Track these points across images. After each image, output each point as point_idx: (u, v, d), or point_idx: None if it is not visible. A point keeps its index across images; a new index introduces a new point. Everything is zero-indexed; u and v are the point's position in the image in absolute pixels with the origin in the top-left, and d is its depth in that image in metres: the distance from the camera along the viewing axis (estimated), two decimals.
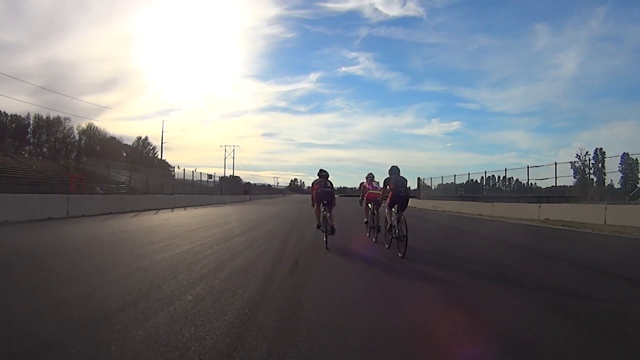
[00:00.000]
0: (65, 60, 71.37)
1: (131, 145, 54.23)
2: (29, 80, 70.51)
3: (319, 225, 6.31)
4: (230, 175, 57.33)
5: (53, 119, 43.85)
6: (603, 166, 22.30)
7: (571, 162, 21.13)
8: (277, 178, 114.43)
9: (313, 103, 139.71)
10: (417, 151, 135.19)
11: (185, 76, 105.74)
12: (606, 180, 20.98)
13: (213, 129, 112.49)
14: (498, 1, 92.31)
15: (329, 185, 6.40)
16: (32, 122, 44.39)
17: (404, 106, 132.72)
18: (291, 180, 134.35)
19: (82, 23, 72.04)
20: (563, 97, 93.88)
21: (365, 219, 7.45)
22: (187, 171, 28.02)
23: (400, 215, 5.52)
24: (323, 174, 6.49)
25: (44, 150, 44.64)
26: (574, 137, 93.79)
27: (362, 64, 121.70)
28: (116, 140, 52.91)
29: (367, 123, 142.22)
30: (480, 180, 26.79)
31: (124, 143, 53.03)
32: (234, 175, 60.16)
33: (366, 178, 7.44)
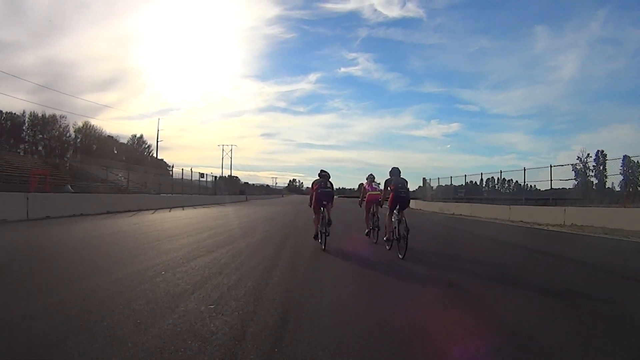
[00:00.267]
0: (64, 59, 71.38)
1: (126, 143, 53.43)
2: (29, 79, 70.27)
3: (317, 235, 6.14)
4: (228, 175, 57.23)
5: (49, 117, 43.40)
6: (604, 168, 22.08)
7: (572, 164, 20.79)
8: (276, 178, 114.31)
9: (312, 103, 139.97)
10: (416, 152, 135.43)
11: (184, 76, 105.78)
12: (607, 182, 20.85)
13: (212, 129, 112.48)
14: (498, 3, 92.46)
15: (329, 185, 6.35)
16: (28, 120, 44.01)
17: (403, 107, 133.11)
18: (290, 180, 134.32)
19: (82, 22, 72.14)
20: (562, 100, 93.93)
21: (366, 230, 7.32)
22: (180, 170, 27.73)
23: (401, 216, 5.54)
24: (324, 174, 6.44)
25: (39, 148, 44.26)
26: (573, 140, 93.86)
27: (362, 65, 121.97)
28: (113, 139, 52.66)
29: (366, 124, 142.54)
30: (479, 182, 26.59)
31: (120, 142, 52.38)
32: (232, 175, 59.90)
33: (366, 179, 7.39)
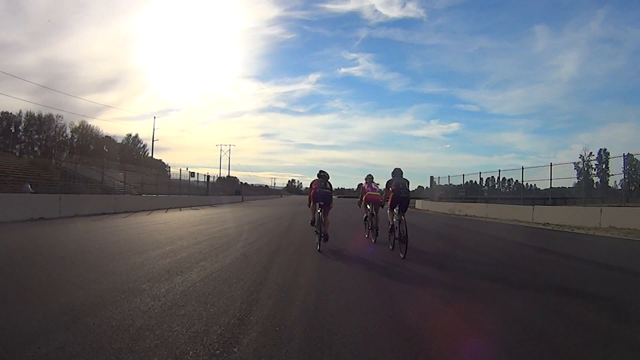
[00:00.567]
0: (64, 59, 71.02)
1: (120, 143, 52.86)
2: (28, 79, 70.10)
3: (313, 222, 6.17)
4: (226, 175, 56.85)
5: (45, 117, 42.98)
6: (607, 167, 21.79)
7: (574, 163, 20.53)
8: (275, 179, 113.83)
9: (312, 104, 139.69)
10: (416, 152, 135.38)
11: (184, 76, 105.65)
12: (610, 181, 20.56)
13: (212, 130, 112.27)
14: (498, 3, 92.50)
15: (328, 186, 6.31)
16: (24, 120, 43.62)
17: (403, 107, 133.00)
18: (288, 181, 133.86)
19: (82, 23, 71.83)
20: (562, 99, 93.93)
21: (364, 214, 7.48)
22: (176, 171, 26.92)
23: (401, 216, 5.61)
24: (322, 175, 6.42)
25: (35, 149, 43.84)
26: (573, 139, 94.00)
27: (362, 65, 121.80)
28: (110, 139, 52.27)
29: (366, 124, 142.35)
30: (479, 181, 26.26)
31: (117, 142, 51.92)
32: (230, 175, 59.52)
33: (365, 179, 7.47)
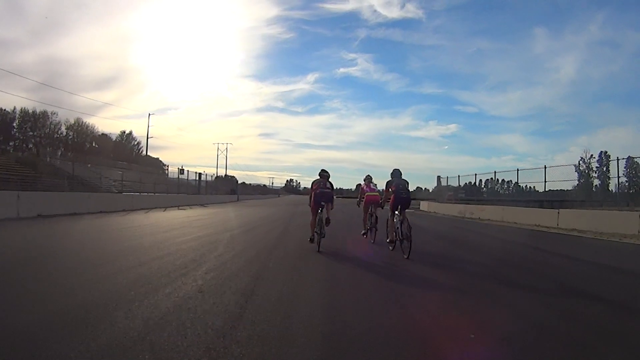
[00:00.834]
0: (63, 57, 70.27)
1: (114, 140, 51.89)
2: (27, 77, 69.31)
3: (312, 239, 6.01)
4: (224, 174, 56.41)
5: (39, 114, 42.32)
6: (608, 170, 21.63)
7: (575, 165, 20.30)
8: (273, 178, 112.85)
9: (311, 104, 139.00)
10: (414, 153, 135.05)
11: (183, 75, 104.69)
12: (610, 184, 20.38)
13: (210, 129, 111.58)
14: (497, 4, 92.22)
15: (329, 186, 6.27)
16: (18, 117, 42.94)
17: (402, 108, 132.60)
18: (287, 180, 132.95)
19: (81, 21, 71.18)
20: (560, 101, 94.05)
21: (363, 231, 7.35)
22: (172, 170, 26.20)
23: (402, 216, 5.66)
24: (324, 174, 6.37)
25: (30, 146, 43.18)
26: (571, 142, 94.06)
27: (361, 65, 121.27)
28: (107, 136, 51.62)
29: (365, 124, 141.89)
30: (479, 183, 25.99)
31: (112, 140, 51.09)
32: (228, 174, 59.08)
33: (364, 180, 7.51)
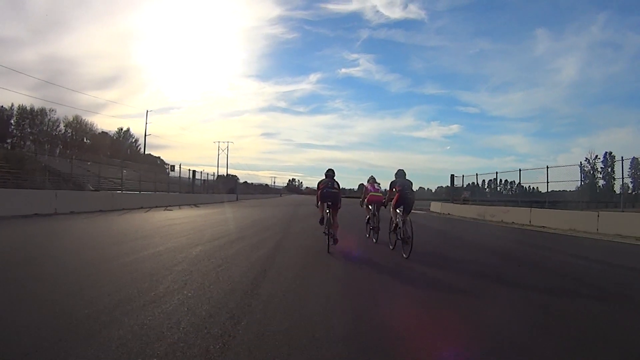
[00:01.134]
0: (65, 56, 70.12)
1: (111, 137, 51.10)
2: (28, 75, 68.86)
3: (322, 220, 6.03)
4: (225, 173, 56.00)
5: (37, 110, 41.98)
6: (613, 170, 21.19)
7: (580, 166, 19.87)
8: (275, 178, 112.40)
9: (313, 104, 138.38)
10: (416, 154, 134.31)
11: (185, 75, 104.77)
12: (615, 185, 19.95)
13: (212, 128, 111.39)
14: (499, 6, 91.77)
15: (335, 186, 6.19)
16: (16, 114, 42.60)
17: (404, 108, 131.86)
18: (289, 180, 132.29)
19: (82, 20, 71.00)
20: (562, 103, 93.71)
21: (367, 216, 7.53)
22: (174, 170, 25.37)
23: (405, 217, 5.66)
24: (329, 174, 6.31)
25: (27, 143, 42.85)
26: (572, 143, 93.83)
27: (363, 66, 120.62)
28: (106, 134, 51.25)
29: (367, 125, 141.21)
30: (481, 183, 25.48)
31: (108, 137, 50.39)
32: (228, 173, 58.69)
33: (368, 180, 7.59)
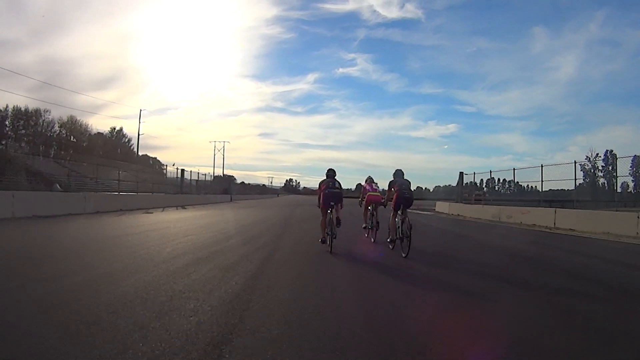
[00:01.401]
0: (62, 57, 70.17)
1: (103, 136, 50.44)
2: (27, 77, 68.90)
3: (324, 240, 5.94)
4: (222, 173, 55.51)
5: (31, 111, 41.68)
6: (614, 169, 20.76)
7: (581, 164, 19.40)
8: (272, 178, 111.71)
9: (310, 104, 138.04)
10: (413, 153, 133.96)
11: (182, 75, 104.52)
12: (616, 183, 19.63)
13: (210, 128, 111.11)
14: (496, 4, 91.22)
15: (337, 185, 6.15)
16: (11, 114, 42.29)
17: (401, 108, 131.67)
18: (286, 180, 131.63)
19: (80, 21, 70.99)
20: (560, 101, 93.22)
21: (364, 224, 7.51)
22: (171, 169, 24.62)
23: (404, 216, 5.74)
24: (330, 174, 6.24)
25: (22, 144, 42.53)
26: (570, 141, 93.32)
27: (360, 66, 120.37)
28: (102, 135, 50.84)
29: (364, 124, 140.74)
30: (479, 182, 25.01)
31: (101, 138, 49.73)
32: (226, 174, 58.20)
33: (366, 180, 7.57)
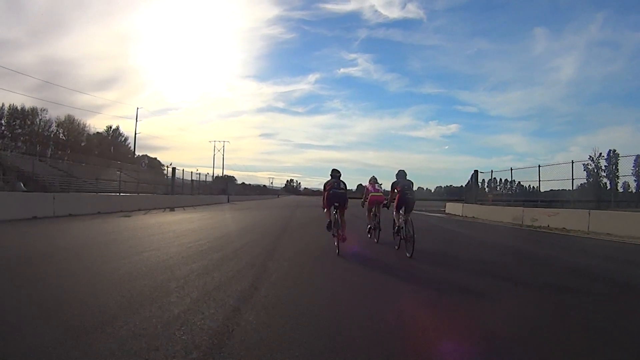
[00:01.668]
0: (63, 57, 70.18)
1: (99, 134, 49.86)
2: (27, 77, 69.00)
3: (330, 225, 5.91)
4: (222, 174, 55.06)
5: (28, 110, 41.41)
6: (616, 168, 20.36)
7: (584, 164, 18.96)
8: (273, 179, 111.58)
9: (311, 104, 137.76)
10: (414, 153, 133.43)
11: (183, 76, 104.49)
12: (619, 183, 19.23)
13: (211, 129, 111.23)
14: (497, 5, 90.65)
15: (342, 186, 6.04)
16: (7, 114, 42.05)
17: (402, 108, 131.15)
18: (287, 180, 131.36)
19: (81, 21, 70.89)
20: (560, 102, 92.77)
21: (368, 225, 7.45)
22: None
23: (407, 217, 5.76)
24: (335, 174, 6.12)
25: (19, 144, 42.28)
26: (571, 141, 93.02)
27: (361, 66, 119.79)
28: (100, 135, 50.55)
29: (365, 125, 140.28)
30: (481, 183, 24.41)
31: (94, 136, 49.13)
32: (223, 174, 57.76)
33: (369, 181, 7.49)
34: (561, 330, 2.66)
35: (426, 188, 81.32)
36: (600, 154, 26.67)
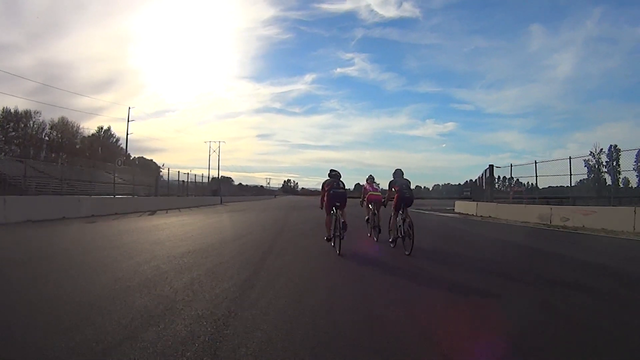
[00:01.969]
0: (60, 60, 70.37)
1: (90, 136, 48.92)
2: (25, 80, 69.18)
3: (329, 238, 6.03)
4: (219, 175, 54.55)
5: (21, 113, 41.16)
6: (618, 164, 19.91)
7: (585, 160, 18.50)
8: (270, 179, 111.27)
9: (308, 104, 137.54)
10: (411, 152, 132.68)
11: (180, 77, 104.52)
12: (620, 179, 18.80)
13: (208, 130, 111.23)
14: (494, 3, 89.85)
15: (341, 186, 6.09)
16: (0, 117, 41.80)
17: (399, 107, 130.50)
18: (284, 181, 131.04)
19: (78, 23, 71.06)
20: (557, 98, 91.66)
21: (366, 216, 7.60)
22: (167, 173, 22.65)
23: (405, 215, 5.98)
24: (334, 174, 6.17)
25: (12, 147, 42.01)
26: (568, 138, 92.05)
27: (358, 65, 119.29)
28: (95, 136, 50.19)
29: (362, 124, 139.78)
30: (479, 180, 23.84)
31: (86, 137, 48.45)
32: (217, 175, 57.25)
33: (367, 180, 7.64)
34: None
35: (424, 186, 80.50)
36: (601, 150, 26.10)
